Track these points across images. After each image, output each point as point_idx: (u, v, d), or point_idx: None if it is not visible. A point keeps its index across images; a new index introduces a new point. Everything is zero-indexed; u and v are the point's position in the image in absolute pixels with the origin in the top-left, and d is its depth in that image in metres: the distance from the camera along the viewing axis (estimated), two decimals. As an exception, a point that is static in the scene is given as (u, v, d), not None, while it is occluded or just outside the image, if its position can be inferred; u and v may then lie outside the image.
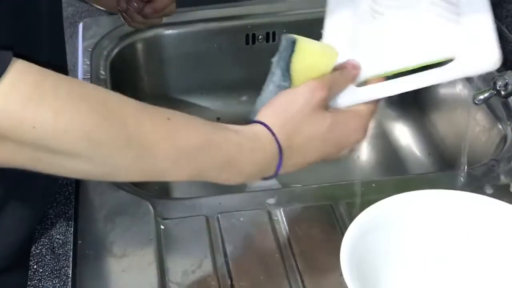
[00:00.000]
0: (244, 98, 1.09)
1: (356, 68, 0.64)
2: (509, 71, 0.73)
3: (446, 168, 0.96)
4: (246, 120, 1.09)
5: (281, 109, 0.61)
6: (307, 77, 0.62)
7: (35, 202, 0.69)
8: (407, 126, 1.06)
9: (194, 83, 1.08)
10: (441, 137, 1.00)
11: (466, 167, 0.73)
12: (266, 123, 0.60)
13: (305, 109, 0.61)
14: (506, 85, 0.72)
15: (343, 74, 0.64)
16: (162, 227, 0.70)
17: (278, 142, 0.59)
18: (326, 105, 0.62)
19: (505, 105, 0.83)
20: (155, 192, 0.76)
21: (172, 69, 1.07)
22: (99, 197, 0.74)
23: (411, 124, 1.06)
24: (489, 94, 0.74)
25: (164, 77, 1.07)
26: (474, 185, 0.72)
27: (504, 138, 0.80)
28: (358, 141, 0.64)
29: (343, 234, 0.67)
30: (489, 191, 0.72)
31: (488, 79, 0.91)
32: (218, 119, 1.06)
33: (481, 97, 0.75)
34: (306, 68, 0.63)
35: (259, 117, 0.61)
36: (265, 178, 0.61)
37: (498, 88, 0.72)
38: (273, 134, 0.59)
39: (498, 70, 0.86)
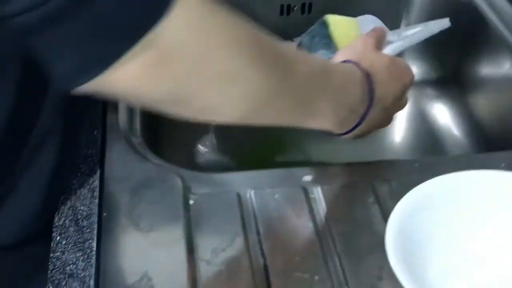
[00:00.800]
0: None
1: (382, 29, 0.75)
2: None
3: (485, 150, 0.91)
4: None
5: (351, 52, 0.67)
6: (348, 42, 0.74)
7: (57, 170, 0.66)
8: (446, 106, 1.01)
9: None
10: (481, 118, 0.95)
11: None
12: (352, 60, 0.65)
13: (367, 49, 0.68)
14: None
15: (376, 30, 0.74)
16: (191, 202, 0.66)
17: (369, 76, 0.63)
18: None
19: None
20: (184, 164, 0.71)
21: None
22: (125, 168, 0.70)
23: (450, 104, 1.01)
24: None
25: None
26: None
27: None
28: (411, 81, 0.70)
29: (383, 215, 0.63)
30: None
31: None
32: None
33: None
34: (345, 35, 0.80)
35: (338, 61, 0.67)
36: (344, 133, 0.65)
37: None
38: (363, 69, 0.63)
39: None
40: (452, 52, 1.00)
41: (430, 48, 1.02)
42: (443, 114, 1.00)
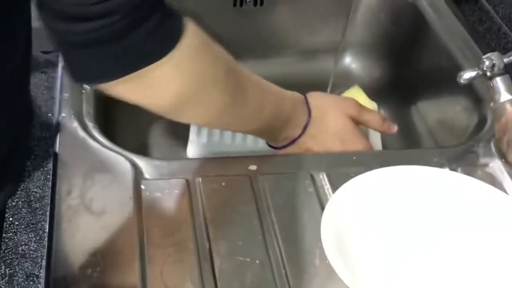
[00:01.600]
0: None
1: (390, 126, 0.81)
2: (496, 53, 0.74)
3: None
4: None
5: (321, 96, 0.79)
6: None
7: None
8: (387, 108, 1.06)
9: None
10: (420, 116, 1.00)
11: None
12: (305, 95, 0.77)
13: (337, 106, 0.77)
14: (492, 66, 0.72)
15: (378, 116, 0.81)
16: (142, 187, 0.69)
17: (309, 109, 0.75)
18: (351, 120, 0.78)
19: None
20: (136, 150, 0.74)
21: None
22: (78, 152, 0.72)
23: (391, 106, 1.06)
24: (476, 74, 0.74)
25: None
26: (451, 164, 0.73)
27: (483, 120, 0.80)
28: (356, 112, 0.78)
29: (322, 204, 0.68)
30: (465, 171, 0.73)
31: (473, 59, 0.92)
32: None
33: (467, 76, 0.75)
34: None
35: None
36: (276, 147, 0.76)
37: (484, 68, 0.72)
38: (308, 103, 0.76)
39: (484, 52, 0.88)
40: (393, 54, 1.05)
41: (372, 49, 1.07)
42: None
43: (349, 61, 1.09)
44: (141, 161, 0.72)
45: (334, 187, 0.69)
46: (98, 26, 0.52)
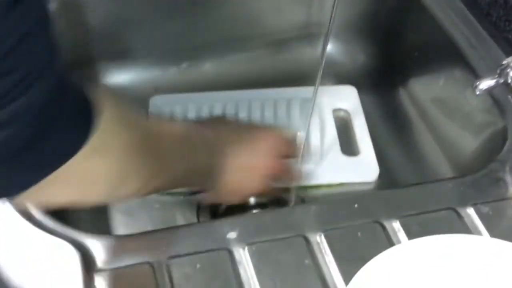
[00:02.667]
0: (184, 65, 0.91)
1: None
2: (520, 56, 0.59)
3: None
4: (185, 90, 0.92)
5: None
6: None
7: None
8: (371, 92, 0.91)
9: (125, 47, 0.89)
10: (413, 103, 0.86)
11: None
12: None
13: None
14: (517, 74, 0.58)
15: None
16: (96, 284, 0.55)
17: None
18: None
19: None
20: (82, 227, 0.60)
21: (98, 32, 0.87)
22: (10, 240, 0.57)
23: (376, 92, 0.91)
24: (495, 83, 0.60)
25: (88, 42, 0.88)
26: (475, 200, 0.60)
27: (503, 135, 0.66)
28: (270, 144, 0.68)
29: (327, 284, 0.54)
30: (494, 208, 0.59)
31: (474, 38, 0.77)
32: (156, 90, 0.89)
33: (484, 86, 0.60)
34: None
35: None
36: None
37: (509, 80, 0.58)
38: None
39: (506, 53, 0.73)
40: (379, 36, 0.90)
41: (355, 31, 0.91)
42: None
43: (330, 47, 0.92)
44: (93, 243, 0.57)
45: (338, 256, 0.56)
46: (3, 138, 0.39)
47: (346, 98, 0.87)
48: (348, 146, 0.82)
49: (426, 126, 0.82)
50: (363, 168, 0.78)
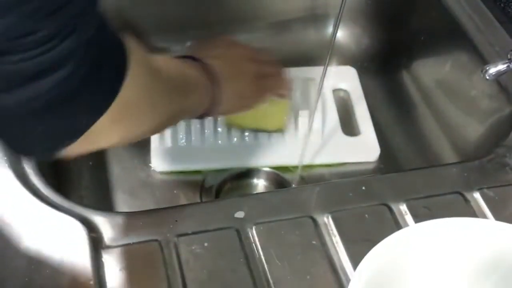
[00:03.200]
0: (188, 44, 0.90)
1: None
2: (530, 42, 0.59)
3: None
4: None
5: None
6: None
7: None
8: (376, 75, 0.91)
9: (129, 26, 0.89)
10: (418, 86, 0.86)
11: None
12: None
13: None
14: (528, 60, 0.58)
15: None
16: (103, 260, 0.55)
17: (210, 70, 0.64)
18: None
19: None
20: (88, 205, 0.59)
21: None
22: (16, 216, 0.57)
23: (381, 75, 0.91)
24: (506, 67, 0.60)
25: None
26: (481, 185, 0.60)
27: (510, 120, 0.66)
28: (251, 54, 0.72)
29: (332, 263, 0.55)
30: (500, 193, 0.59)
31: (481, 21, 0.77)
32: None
33: (494, 71, 0.60)
34: None
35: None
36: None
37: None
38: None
39: (495, 13, 0.73)
40: (384, 19, 0.89)
41: (360, 14, 0.91)
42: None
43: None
44: (100, 220, 0.57)
45: (345, 237, 0.56)
46: (51, 84, 0.40)
47: (346, 79, 0.87)
48: (349, 127, 0.82)
49: (430, 110, 0.82)
50: (364, 148, 0.79)
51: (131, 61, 0.47)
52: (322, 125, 0.80)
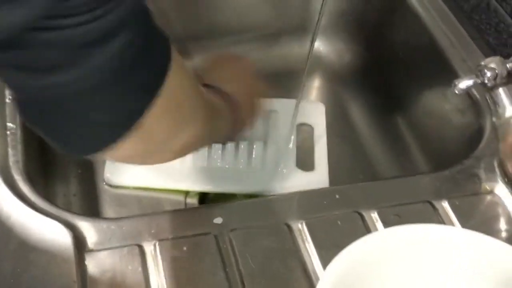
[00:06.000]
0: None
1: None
2: (497, 57, 0.62)
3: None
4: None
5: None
6: None
7: None
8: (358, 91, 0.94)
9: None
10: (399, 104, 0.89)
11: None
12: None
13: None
14: (495, 76, 0.61)
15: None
16: (86, 263, 0.57)
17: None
18: None
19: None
20: (79, 198, 0.62)
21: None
22: (5, 221, 0.59)
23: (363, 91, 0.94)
24: (473, 82, 0.63)
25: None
26: (450, 194, 0.63)
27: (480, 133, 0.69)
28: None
29: (305, 266, 0.57)
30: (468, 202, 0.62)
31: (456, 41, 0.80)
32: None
33: (463, 86, 0.63)
34: None
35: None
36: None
37: (485, 81, 0.61)
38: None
39: (469, 32, 0.76)
40: (366, 36, 0.92)
41: (342, 29, 0.94)
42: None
43: (317, 44, 0.95)
44: (83, 224, 0.60)
45: (317, 242, 0.59)
46: (103, 57, 0.38)
47: (313, 114, 0.87)
48: (304, 161, 0.82)
49: (407, 122, 0.85)
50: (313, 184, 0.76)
51: (172, 55, 0.45)
52: (277, 158, 0.79)
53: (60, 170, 0.80)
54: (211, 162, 0.78)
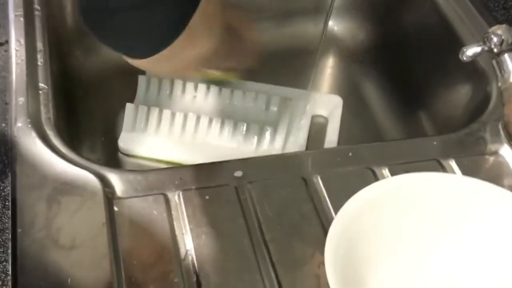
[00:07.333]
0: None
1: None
2: (504, 25, 0.65)
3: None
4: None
5: None
6: None
7: None
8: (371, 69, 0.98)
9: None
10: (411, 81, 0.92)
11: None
12: None
13: None
14: (501, 42, 0.64)
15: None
16: (115, 208, 0.61)
17: None
18: None
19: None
20: (103, 162, 0.66)
21: None
22: (40, 171, 0.64)
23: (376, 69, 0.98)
24: (481, 50, 0.66)
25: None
26: (456, 154, 0.66)
27: (486, 100, 0.73)
28: None
29: (319, 215, 0.61)
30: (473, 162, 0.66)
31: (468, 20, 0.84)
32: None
33: (471, 53, 0.67)
34: None
35: None
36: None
37: (492, 46, 0.64)
38: None
39: (491, 24, 0.79)
40: (379, 15, 0.96)
41: (356, 9, 0.98)
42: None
43: (331, 24, 0.99)
44: (112, 175, 0.64)
45: (331, 193, 0.63)
46: None
47: (329, 107, 0.88)
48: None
49: (418, 95, 0.89)
50: None
51: None
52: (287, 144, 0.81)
53: (87, 137, 0.84)
54: (222, 140, 0.80)
